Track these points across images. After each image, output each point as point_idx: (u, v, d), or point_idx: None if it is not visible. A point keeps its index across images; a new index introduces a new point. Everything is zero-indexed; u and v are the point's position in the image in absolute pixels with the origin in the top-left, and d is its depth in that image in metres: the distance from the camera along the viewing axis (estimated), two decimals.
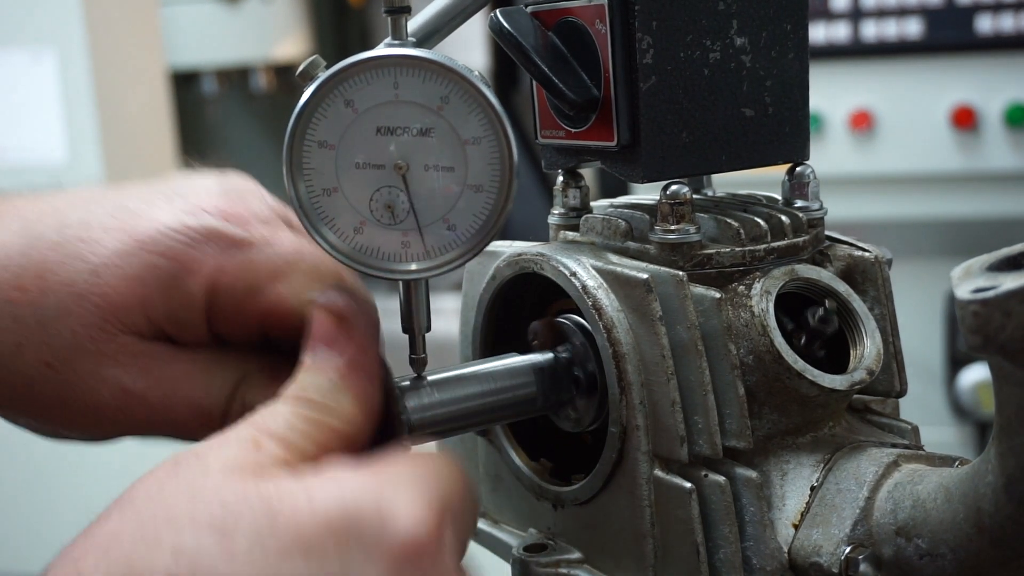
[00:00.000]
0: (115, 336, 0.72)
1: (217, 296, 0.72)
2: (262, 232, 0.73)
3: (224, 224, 0.72)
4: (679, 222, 0.72)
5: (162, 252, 0.71)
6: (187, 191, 0.75)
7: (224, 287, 0.72)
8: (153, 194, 0.75)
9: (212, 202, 0.74)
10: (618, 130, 0.73)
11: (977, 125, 2.49)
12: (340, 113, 0.66)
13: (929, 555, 0.64)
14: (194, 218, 0.72)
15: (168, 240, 0.72)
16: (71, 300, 0.71)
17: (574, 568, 0.77)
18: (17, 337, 0.72)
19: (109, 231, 0.72)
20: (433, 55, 0.66)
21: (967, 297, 0.53)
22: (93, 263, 0.71)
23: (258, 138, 4.12)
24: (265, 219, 0.74)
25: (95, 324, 0.71)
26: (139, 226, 0.72)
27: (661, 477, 0.71)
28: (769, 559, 0.70)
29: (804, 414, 0.72)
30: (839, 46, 2.56)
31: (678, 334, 0.69)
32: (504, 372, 0.75)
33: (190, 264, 0.71)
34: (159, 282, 0.71)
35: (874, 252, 0.77)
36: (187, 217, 0.72)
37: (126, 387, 0.72)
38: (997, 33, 2.48)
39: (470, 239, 0.68)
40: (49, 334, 0.71)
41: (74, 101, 2.92)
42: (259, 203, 0.76)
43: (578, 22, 0.74)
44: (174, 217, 0.72)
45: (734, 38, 0.74)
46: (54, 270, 0.71)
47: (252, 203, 0.75)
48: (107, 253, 0.71)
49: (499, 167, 0.66)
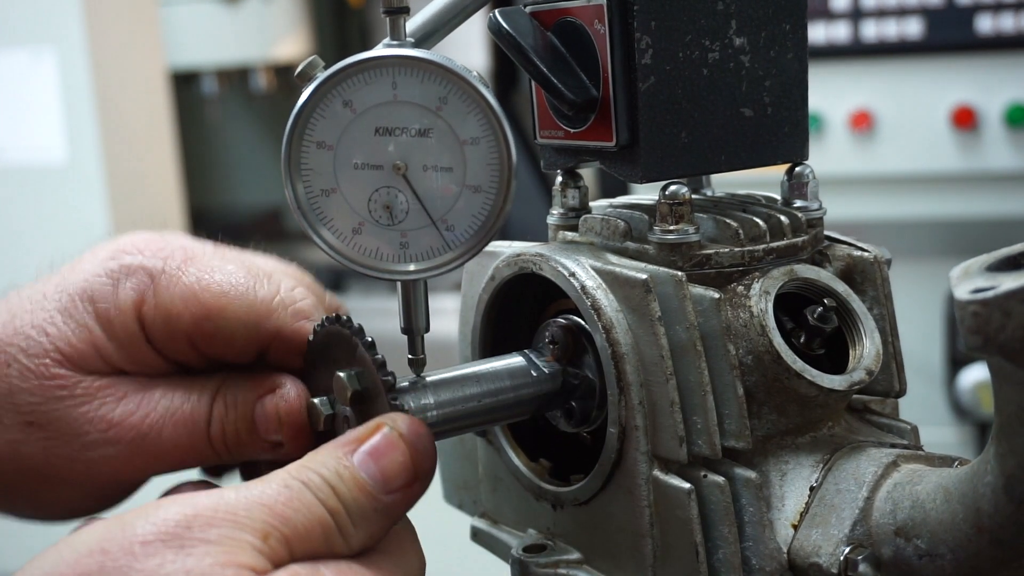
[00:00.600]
0: (80, 379, 0.77)
1: (147, 325, 0.78)
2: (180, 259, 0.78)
3: (140, 258, 0.79)
4: (678, 222, 0.72)
5: (92, 297, 0.78)
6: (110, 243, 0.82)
7: (149, 316, 0.77)
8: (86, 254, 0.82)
9: (132, 244, 0.80)
10: (617, 130, 0.73)
11: (977, 125, 2.49)
12: (338, 113, 0.66)
13: (928, 555, 0.64)
14: (113, 260, 0.79)
15: (94, 286, 0.78)
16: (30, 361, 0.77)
17: (573, 568, 0.77)
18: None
19: (48, 296, 0.79)
20: (432, 55, 0.66)
21: (966, 297, 0.52)
22: (41, 327, 0.78)
23: (258, 138, 4.12)
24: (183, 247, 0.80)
25: (58, 374, 0.77)
26: (70, 281, 0.79)
27: (660, 477, 0.71)
28: (768, 559, 0.70)
29: (803, 414, 0.72)
30: (839, 46, 2.56)
31: (677, 334, 0.69)
32: (503, 372, 0.75)
33: (116, 302, 0.77)
34: (99, 325, 0.77)
35: (873, 252, 0.77)
36: (108, 261, 0.79)
37: (107, 417, 0.77)
38: (997, 33, 2.47)
39: (469, 239, 0.68)
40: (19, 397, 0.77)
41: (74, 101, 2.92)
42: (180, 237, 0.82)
43: (577, 22, 0.74)
44: (97, 264, 0.80)
45: (733, 38, 0.74)
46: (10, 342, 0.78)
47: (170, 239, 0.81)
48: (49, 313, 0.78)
49: (498, 167, 0.66)
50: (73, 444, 0.77)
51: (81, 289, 0.78)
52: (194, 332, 0.77)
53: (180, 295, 0.77)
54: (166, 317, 0.77)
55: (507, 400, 0.75)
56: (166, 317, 0.77)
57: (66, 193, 2.91)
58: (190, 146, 3.78)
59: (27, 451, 0.77)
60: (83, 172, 2.92)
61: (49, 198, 2.92)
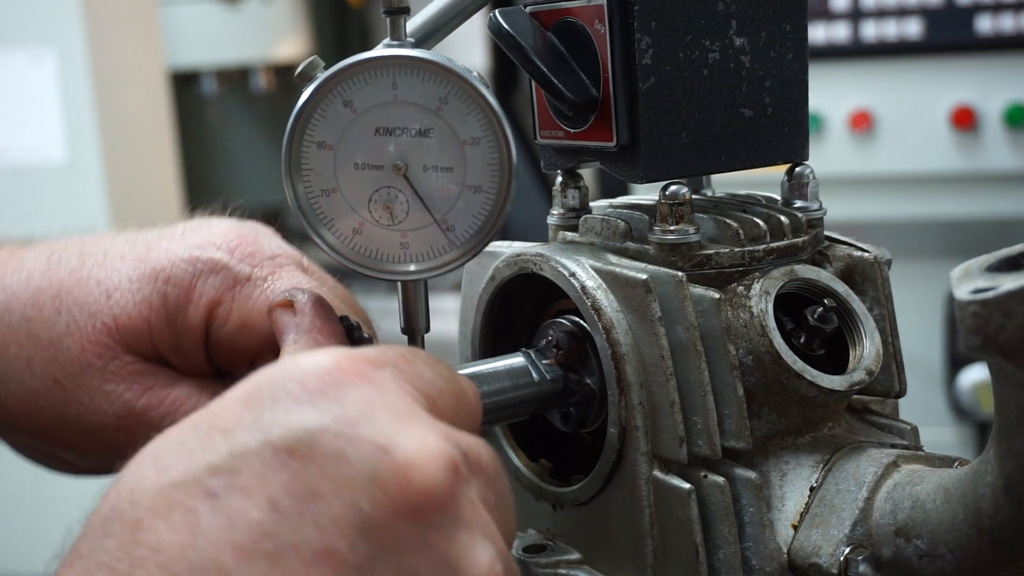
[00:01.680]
0: (120, 355, 0.75)
1: (214, 327, 0.76)
2: (268, 270, 0.76)
3: (230, 258, 0.76)
4: (678, 222, 0.72)
5: (168, 279, 0.75)
6: (202, 228, 0.79)
7: (220, 319, 0.75)
8: (171, 230, 0.79)
9: (223, 238, 0.77)
10: (617, 130, 0.73)
11: (977, 125, 2.49)
12: (339, 113, 0.66)
13: (928, 556, 0.64)
14: (202, 251, 0.76)
15: (175, 269, 0.76)
16: (83, 318, 0.75)
17: (573, 569, 0.77)
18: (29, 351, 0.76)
19: (125, 259, 0.76)
20: (432, 55, 0.66)
21: (967, 298, 0.52)
22: (106, 286, 0.75)
23: (258, 138, 4.12)
24: (273, 257, 0.77)
25: (102, 342, 0.75)
26: (152, 255, 0.76)
27: (660, 478, 0.71)
28: (768, 560, 0.70)
29: (803, 414, 0.72)
30: (839, 46, 2.56)
31: (677, 334, 0.69)
32: (504, 373, 0.75)
33: (192, 293, 0.75)
34: (165, 308, 0.75)
35: (873, 252, 0.77)
36: (197, 250, 0.76)
37: (128, 403, 0.75)
38: (997, 33, 2.48)
39: (469, 240, 0.68)
40: (59, 349, 0.75)
41: (74, 101, 2.92)
42: (270, 243, 0.79)
43: (577, 22, 0.74)
44: (185, 249, 0.76)
45: (733, 38, 0.74)
46: (70, 291, 0.76)
47: (263, 242, 0.78)
48: (119, 278, 0.76)
49: (498, 167, 0.66)
50: (90, 419, 0.75)
51: (161, 267, 0.76)
52: (261, 348, 0.75)
53: (261, 309, 0.74)
54: (240, 326, 0.75)
55: (507, 400, 0.75)
56: (240, 326, 0.75)
57: (66, 193, 2.91)
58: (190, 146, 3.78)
59: (43, 406, 0.75)
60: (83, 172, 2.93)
61: (49, 198, 2.92)
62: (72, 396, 0.75)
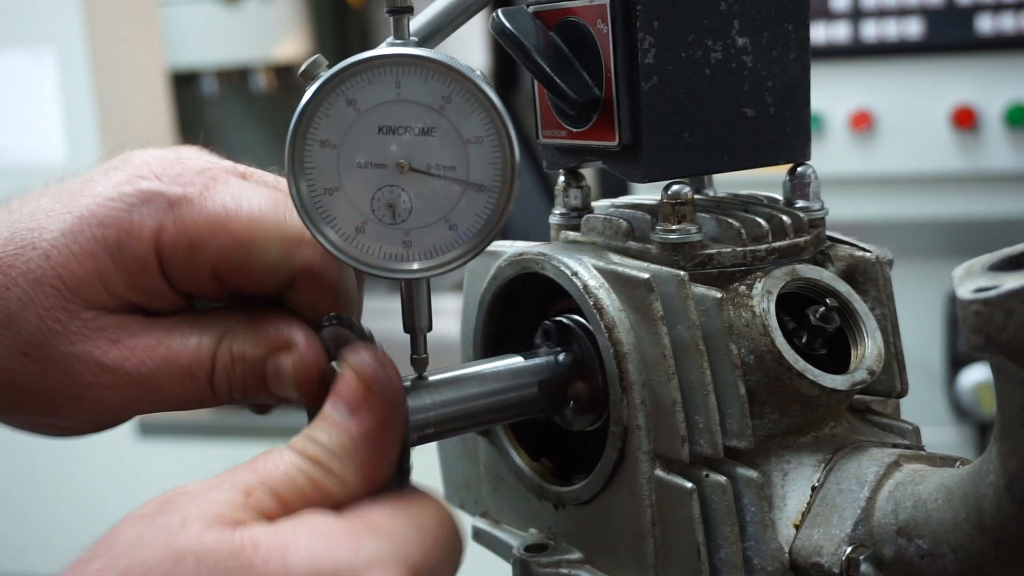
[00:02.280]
0: (78, 313, 0.73)
1: (165, 256, 0.73)
2: (200, 184, 0.74)
3: (158, 184, 0.73)
4: (680, 222, 0.72)
5: (102, 222, 0.72)
6: (125, 163, 0.76)
7: (169, 246, 0.73)
8: (92, 174, 0.76)
9: (148, 167, 0.74)
10: (619, 130, 0.73)
11: (977, 125, 2.49)
12: (342, 112, 0.66)
13: (930, 555, 0.64)
14: (129, 184, 0.73)
15: (106, 210, 0.73)
16: (30, 287, 0.72)
17: (575, 568, 0.77)
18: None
19: (52, 215, 0.73)
20: (435, 54, 0.66)
21: (969, 297, 0.53)
22: (43, 248, 0.73)
23: (258, 138, 4.12)
24: (202, 171, 0.75)
25: (57, 306, 0.72)
26: (79, 203, 0.74)
27: (662, 477, 0.71)
28: (770, 559, 0.70)
29: (805, 414, 0.72)
30: (839, 46, 2.56)
31: (679, 334, 0.69)
32: (505, 372, 0.75)
33: (131, 229, 0.72)
34: (108, 252, 0.72)
35: (875, 252, 0.77)
36: (123, 185, 0.73)
37: (99, 360, 0.73)
38: (997, 33, 2.48)
39: (471, 239, 0.68)
40: (20, 324, 0.73)
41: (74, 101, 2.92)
42: (197, 158, 0.76)
43: (580, 22, 0.74)
44: (111, 187, 0.74)
45: (736, 38, 0.74)
46: (10, 263, 0.73)
47: (189, 160, 0.76)
48: (53, 236, 0.73)
49: (501, 167, 0.66)
50: (68, 383, 0.73)
51: (91, 212, 0.73)
52: (219, 263, 0.72)
53: (206, 223, 0.72)
54: (190, 246, 0.72)
55: (509, 400, 0.75)
56: (190, 246, 0.72)
57: None
58: None
59: (23, 381, 0.74)
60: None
61: None
62: (46, 366, 0.73)
